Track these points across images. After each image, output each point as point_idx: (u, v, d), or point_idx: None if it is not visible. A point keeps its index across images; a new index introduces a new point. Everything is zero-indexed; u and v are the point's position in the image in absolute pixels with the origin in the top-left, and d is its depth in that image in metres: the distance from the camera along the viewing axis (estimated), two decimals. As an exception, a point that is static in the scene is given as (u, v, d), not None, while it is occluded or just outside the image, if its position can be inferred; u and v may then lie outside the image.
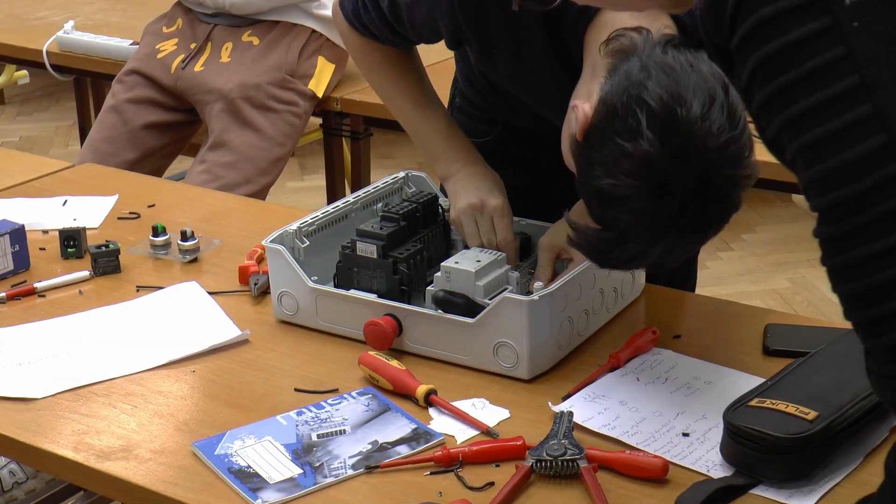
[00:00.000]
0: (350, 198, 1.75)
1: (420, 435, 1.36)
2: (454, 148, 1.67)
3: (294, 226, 1.65)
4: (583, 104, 1.29)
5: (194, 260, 1.84)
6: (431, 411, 1.41)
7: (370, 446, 1.34)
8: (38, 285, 1.75)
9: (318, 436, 1.36)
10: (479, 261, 1.54)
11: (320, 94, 2.73)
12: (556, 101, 1.55)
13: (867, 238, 0.86)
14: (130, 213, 2.03)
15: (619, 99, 1.24)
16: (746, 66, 0.90)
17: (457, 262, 1.54)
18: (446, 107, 1.78)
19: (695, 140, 1.19)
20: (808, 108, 0.87)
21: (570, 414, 1.35)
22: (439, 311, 1.51)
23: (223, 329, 1.62)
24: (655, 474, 1.27)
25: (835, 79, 0.85)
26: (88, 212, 2.03)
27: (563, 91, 1.50)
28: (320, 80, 2.72)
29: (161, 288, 1.75)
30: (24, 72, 4.28)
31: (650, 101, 1.20)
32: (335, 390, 1.46)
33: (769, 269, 3.91)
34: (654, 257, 1.28)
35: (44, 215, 2.00)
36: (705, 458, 1.30)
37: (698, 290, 1.91)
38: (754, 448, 1.25)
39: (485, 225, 1.61)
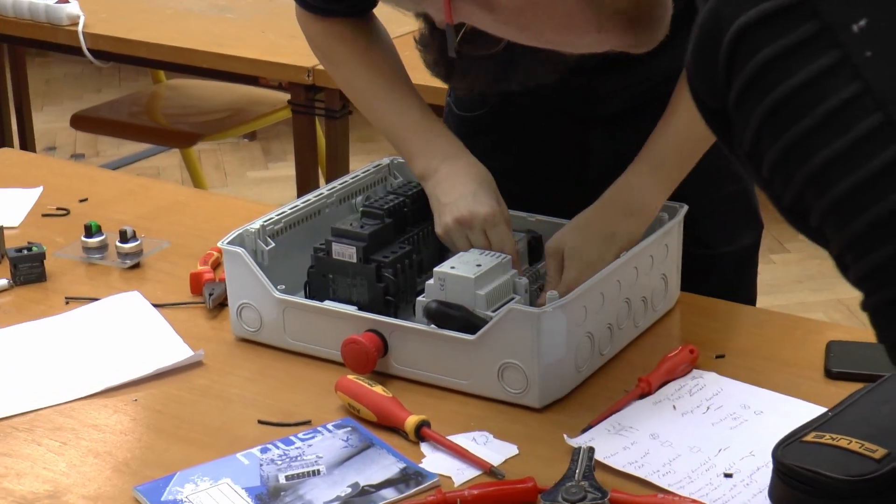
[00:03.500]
0: (324, 190, 1.76)
1: (410, 476, 1.37)
2: (430, 142, 1.69)
3: (256, 224, 1.65)
4: None
5: (136, 265, 1.85)
6: (423, 447, 1.42)
7: (350, 490, 1.35)
8: (-54, 297, 1.76)
9: (287, 477, 1.37)
10: (479, 265, 1.55)
11: None
12: None
13: None
14: (58, 208, 2.04)
15: None
16: (750, 123, 0.90)
17: (453, 268, 1.55)
18: None
19: None
20: (831, 158, 0.86)
21: (591, 450, 1.36)
22: (432, 325, 1.52)
23: (171, 349, 1.63)
24: (694, 522, 1.28)
25: (856, 120, 0.85)
26: (6, 207, 2.04)
27: None
28: None
29: (96, 299, 1.76)
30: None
31: None
32: (307, 422, 1.47)
33: (833, 275, 3.91)
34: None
35: (-47, 212, 2.01)
36: (751, 503, 1.31)
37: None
38: (809, 492, 1.25)
39: (478, 239, 1.62)
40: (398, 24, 1.73)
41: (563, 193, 1.81)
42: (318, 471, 1.38)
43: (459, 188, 1.65)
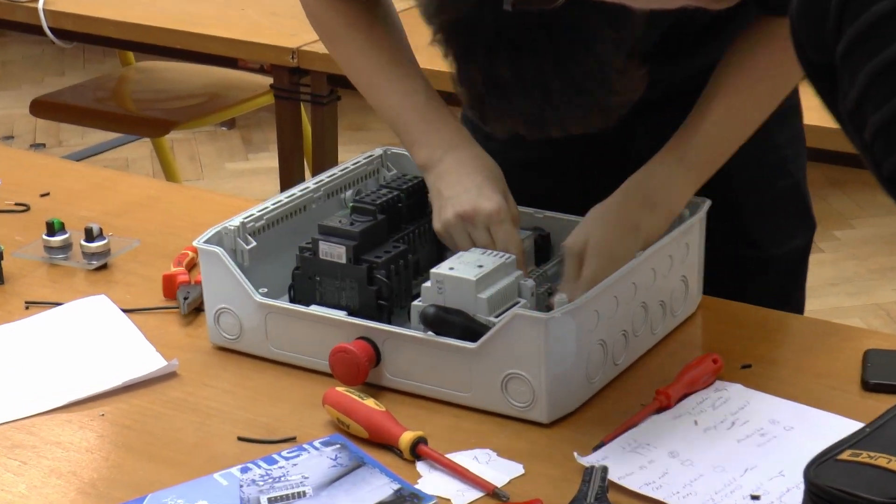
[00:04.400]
0: (311, 183, 1.77)
1: (405, 498, 1.37)
2: (435, 129, 1.69)
3: (236, 221, 1.66)
4: None
5: (103, 266, 1.86)
6: (419, 466, 1.43)
7: (338, 513, 1.36)
8: None
9: (270, 499, 1.38)
10: (480, 266, 1.55)
11: None
12: None
13: None
14: (16, 204, 2.04)
15: None
16: (856, 81, 0.89)
17: (452, 269, 1.55)
18: None
19: None
20: None
21: (604, 469, 1.37)
22: (429, 332, 1.52)
23: (142, 358, 1.63)
24: (717, 549, 1.28)
25: None
26: (-39, 203, 2.04)
27: None
28: None
29: (59, 304, 1.76)
30: None
31: None
32: (292, 439, 1.48)
33: (871, 277, 3.93)
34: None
35: None
36: (782, 527, 1.32)
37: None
38: (844, 515, 1.26)
39: (481, 237, 1.63)
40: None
41: (581, 184, 1.80)
42: (304, 492, 1.38)
43: (464, 181, 1.65)
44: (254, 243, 1.65)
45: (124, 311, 1.74)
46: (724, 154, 1.66)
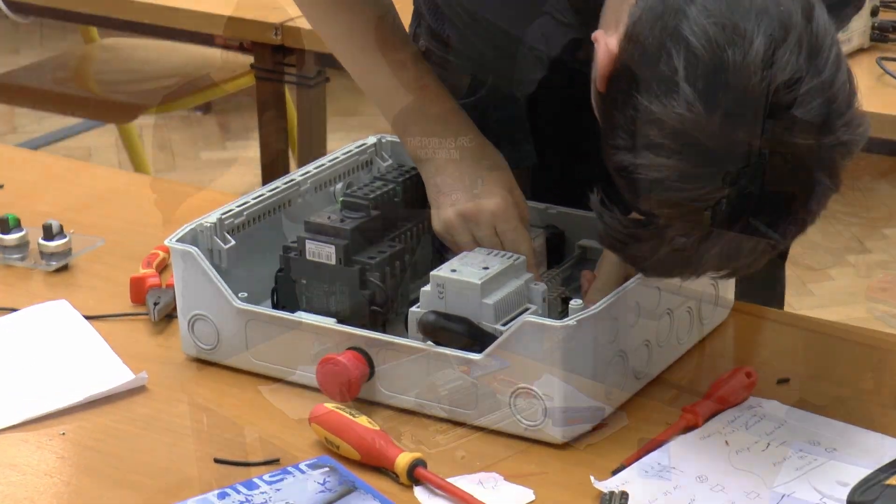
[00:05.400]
0: (296, 175, 1.77)
1: (401, 527, 1.38)
2: (427, 112, 1.69)
3: (213, 217, 1.66)
4: (607, 37, 1.32)
5: (64, 268, 1.86)
6: (418, 492, 1.43)
7: (326, 544, 1.36)
8: None
9: (250, 529, 1.38)
10: (486, 268, 1.56)
11: None
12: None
13: None
14: (-33, 198, 2.05)
15: (648, 33, 1.26)
16: None
17: (454, 271, 1.55)
18: None
19: (754, 96, 1.22)
20: None
21: (624, 495, 1.37)
22: (428, 342, 1.53)
23: (107, 371, 1.63)
24: (750, 585, 1.29)
25: None
26: None
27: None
28: None
29: (14, 310, 1.76)
30: None
31: (690, 36, 1.23)
32: (275, 461, 1.48)
33: (924, 281, 3.92)
34: (713, 265, 1.31)
35: None
36: (824, 560, 1.33)
37: (817, 313, 1.93)
38: (894, 546, 1.26)
39: (486, 238, 1.63)
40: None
41: (574, 189, 1.80)
42: (289, 521, 1.39)
43: (465, 174, 1.65)
44: (232, 242, 1.66)
45: (87, 317, 1.74)
46: None
